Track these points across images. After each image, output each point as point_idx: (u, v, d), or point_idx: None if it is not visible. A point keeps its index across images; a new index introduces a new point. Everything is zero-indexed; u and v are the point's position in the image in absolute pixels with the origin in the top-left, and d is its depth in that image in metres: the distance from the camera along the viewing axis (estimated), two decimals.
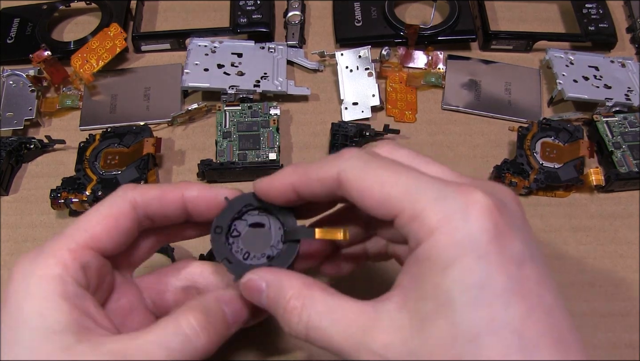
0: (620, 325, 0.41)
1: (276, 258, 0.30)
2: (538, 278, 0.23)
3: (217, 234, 0.30)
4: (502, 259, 0.23)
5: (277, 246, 0.30)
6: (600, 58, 0.54)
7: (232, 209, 0.30)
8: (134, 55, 0.57)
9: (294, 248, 0.29)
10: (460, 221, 0.23)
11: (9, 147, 0.48)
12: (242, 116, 0.50)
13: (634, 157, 0.47)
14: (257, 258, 0.30)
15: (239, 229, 0.31)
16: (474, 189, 0.24)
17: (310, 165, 0.27)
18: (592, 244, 0.45)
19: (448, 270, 0.23)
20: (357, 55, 0.54)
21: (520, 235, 0.24)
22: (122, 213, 0.29)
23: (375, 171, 0.25)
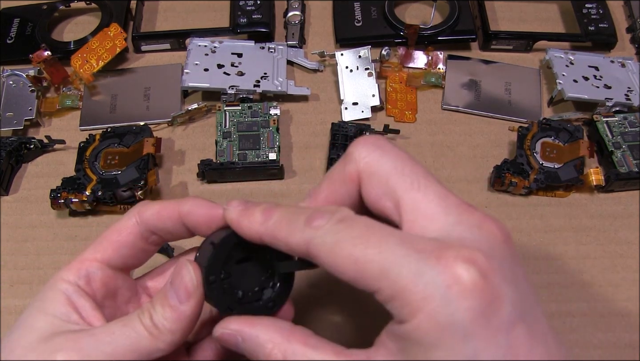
0: (620, 325, 0.41)
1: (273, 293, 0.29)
2: (528, 337, 0.23)
3: (212, 284, 0.28)
4: (489, 332, 0.22)
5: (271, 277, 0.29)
6: (600, 58, 0.54)
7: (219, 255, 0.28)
8: (134, 55, 0.57)
9: (291, 282, 0.29)
10: (441, 304, 0.22)
11: (9, 147, 0.48)
12: (242, 116, 0.50)
13: (634, 157, 0.47)
14: (253, 294, 0.29)
15: (227, 269, 0.29)
16: (454, 262, 0.22)
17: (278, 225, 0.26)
18: (592, 244, 0.45)
19: (434, 351, 0.22)
20: (357, 55, 0.54)
21: (509, 295, 0.23)
22: (126, 227, 0.30)
23: (348, 248, 0.23)
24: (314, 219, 0.25)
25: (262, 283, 0.29)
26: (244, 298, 0.29)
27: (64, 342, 0.26)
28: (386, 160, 0.26)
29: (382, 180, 0.25)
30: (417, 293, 0.22)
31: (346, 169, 0.27)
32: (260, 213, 0.27)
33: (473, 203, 0.47)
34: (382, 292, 0.23)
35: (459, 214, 0.25)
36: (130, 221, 0.30)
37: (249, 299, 0.29)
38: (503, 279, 0.23)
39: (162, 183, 0.48)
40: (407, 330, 0.22)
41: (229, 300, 0.28)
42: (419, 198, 0.25)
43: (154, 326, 0.27)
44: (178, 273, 0.28)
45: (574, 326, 0.41)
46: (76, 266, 0.30)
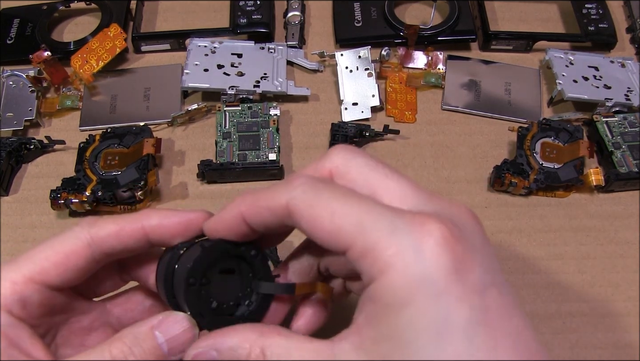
0: (620, 325, 0.41)
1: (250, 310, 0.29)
2: (502, 303, 0.22)
3: (191, 286, 0.27)
4: (462, 291, 0.21)
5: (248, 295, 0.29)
6: (600, 58, 0.54)
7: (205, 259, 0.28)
8: (134, 55, 0.57)
9: (268, 303, 0.29)
10: (413, 258, 0.21)
11: (9, 147, 0.48)
12: (242, 116, 0.50)
13: (633, 158, 0.47)
14: (228, 307, 0.28)
15: (208, 276, 0.28)
16: (427, 219, 0.22)
17: (259, 193, 0.26)
18: (592, 244, 0.45)
19: (404, 310, 0.21)
20: (357, 55, 0.54)
21: (480, 260, 0.23)
22: (73, 251, 0.28)
23: (326, 201, 0.24)
24: (294, 179, 0.25)
25: (239, 298, 0.29)
26: (218, 309, 0.28)
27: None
28: (359, 159, 0.26)
29: (356, 174, 0.26)
30: (390, 248, 0.22)
31: (319, 165, 0.27)
32: (240, 197, 0.27)
33: (473, 203, 0.48)
34: (354, 248, 0.23)
35: (429, 197, 0.25)
36: (79, 243, 0.28)
37: (221, 311, 0.28)
38: (474, 246, 0.23)
39: (162, 183, 0.48)
40: (377, 290, 0.22)
41: (202, 306, 0.28)
42: (393, 185, 0.25)
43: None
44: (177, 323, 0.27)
45: (574, 326, 0.41)
46: (9, 288, 0.26)
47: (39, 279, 0.27)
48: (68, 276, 0.27)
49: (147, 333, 0.27)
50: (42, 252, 0.28)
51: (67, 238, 0.28)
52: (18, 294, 0.26)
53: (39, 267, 0.27)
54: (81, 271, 0.28)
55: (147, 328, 0.27)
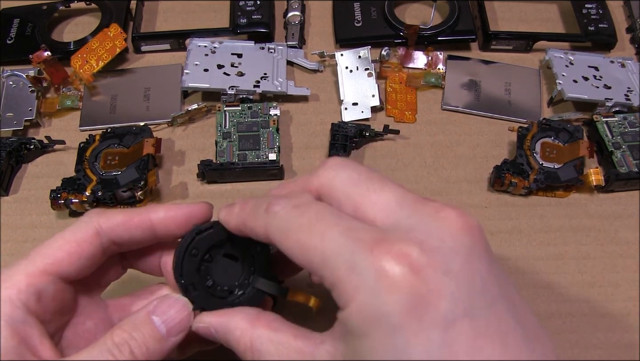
0: (620, 325, 0.41)
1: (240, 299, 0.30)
2: (472, 333, 0.22)
3: (192, 256, 0.29)
4: (420, 327, 0.21)
5: (244, 286, 0.30)
6: (600, 58, 0.54)
7: (214, 235, 0.29)
8: (134, 55, 0.57)
9: (260, 298, 0.30)
10: (369, 295, 0.22)
11: (9, 147, 0.48)
12: (242, 116, 0.50)
13: (633, 158, 0.47)
14: (221, 290, 0.30)
15: (212, 254, 0.30)
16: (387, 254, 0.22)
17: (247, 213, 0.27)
18: (592, 244, 0.45)
19: (363, 340, 0.23)
20: (357, 55, 0.54)
21: (451, 288, 0.22)
22: (85, 239, 0.29)
23: (297, 234, 0.25)
24: (272, 205, 0.26)
25: (234, 286, 0.30)
26: (211, 288, 0.30)
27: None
28: (343, 173, 0.27)
29: (340, 192, 0.26)
30: (350, 283, 0.23)
31: (308, 182, 0.28)
32: (238, 204, 0.28)
33: (473, 203, 0.48)
34: (325, 280, 0.24)
35: (413, 206, 0.25)
36: (90, 231, 0.29)
37: (214, 292, 0.30)
38: (444, 274, 0.22)
39: (162, 183, 0.48)
40: (343, 318, 0.23)
41: (196, 279, 0.29)
42: (375, 199, 0.25)
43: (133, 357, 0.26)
44: (172, 306, 0.28)
45: (574, 326, 0.41)
46: (25, 281, 0.27)
47: (53, 271, 0.28)
48: (80, 265, 0.28)
49: (144, 318, 0.28)
50: (54, 243, 0.28)
51: (77, 227, 0.29)
52: (34, 287, 0.27)
53: (52, 258, 0.28)
54: (91, 259, 0.29)
55: (144, 313, 0.28)
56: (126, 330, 0.27)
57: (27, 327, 0.26)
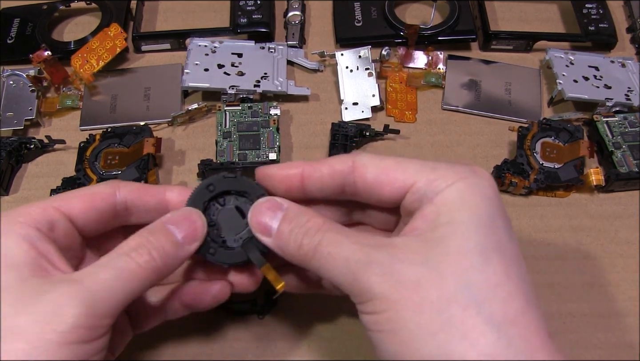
0: (620, 325, 0.41)
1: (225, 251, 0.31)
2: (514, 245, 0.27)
3: (208, 190, 0.31)
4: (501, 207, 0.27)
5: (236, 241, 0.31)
6: (600, 58, 0.54)
7: (236, 182, 0.31)
8: (134, 55, 0.57)
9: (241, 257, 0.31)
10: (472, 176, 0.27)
11: (9, 147, 0.48)
12: (242, 116, 0.50)
13: (634, 157, 0.47)
14: (215, 236, 0.31)
15: (226, 199, 0.31)
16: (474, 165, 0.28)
17: (321, 159, 0.30)
18: (592, 244, 0.45)
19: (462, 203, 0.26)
20: (357, 55, 0.54)
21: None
22: (99, 193, 0.31)
23: (389, 157, 0.29)
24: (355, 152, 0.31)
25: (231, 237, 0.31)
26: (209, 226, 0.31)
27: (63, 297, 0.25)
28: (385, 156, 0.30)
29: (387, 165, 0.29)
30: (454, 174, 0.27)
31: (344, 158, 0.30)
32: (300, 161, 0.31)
33: None
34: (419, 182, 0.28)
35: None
36: (109, 189, 0.31)
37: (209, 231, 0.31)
38: None
39: (162, 183, 0.48)
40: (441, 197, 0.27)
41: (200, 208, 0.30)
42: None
43: (152, 260, 0.27)
44: (187, 217, 0.29)
45: (574, 326, 0.41)
46: (38, 211, 0.28)
47: (65, 210, 0.29)
48: (90, 215, 0.30)
49: (159, 225, 0.29)
50: (71, 192, 0.31)
51: (97, 184, 0.32)
52: (46, 217, 0.28)
53: (66, 200, 0.30)
54: (102, 214, 0.30)
55: (159, 222, 0.29)
56: (142, 235, 0.28)
57: (43, 243, 0.28)
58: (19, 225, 0.27)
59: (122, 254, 0.27)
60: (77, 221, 0.30)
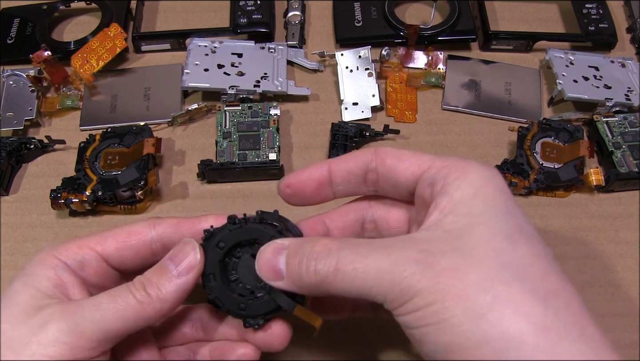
0: (620, 325, 0.41)
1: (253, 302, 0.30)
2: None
3: (218, 248, 0.30)
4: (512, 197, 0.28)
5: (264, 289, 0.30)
6: (600, 58, 0.54)
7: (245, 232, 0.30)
8: (134, 55, 0.57)
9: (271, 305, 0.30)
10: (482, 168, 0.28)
11: (9, 147, 0.48)
12: (242, 116, 0.50)
13: (634, 157, 0.47)
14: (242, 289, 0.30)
15: (241, 251, 0.31)
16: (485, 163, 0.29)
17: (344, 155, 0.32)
18: (592, 244, 0.45)
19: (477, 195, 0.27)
20: (357, 55, 0.54)
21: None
22: (137, 232, 0.32)
23: (407, 149, 0.30)
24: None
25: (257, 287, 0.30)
26: (234, 282, 0.30)
27: (52, 314, 0.27)
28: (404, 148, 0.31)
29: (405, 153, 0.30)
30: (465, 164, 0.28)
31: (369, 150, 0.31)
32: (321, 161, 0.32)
33: None
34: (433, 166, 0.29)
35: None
36: (144, 228, 0.32)
37: (234, 287, 0.30)
38: None
39: (162, 183, 0.48)
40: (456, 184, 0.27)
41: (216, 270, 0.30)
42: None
43: (146, 295, 0.28)
44: (181, 249, 0.30)
45: None
46: (73, 248, 0.30)
47: (99, 250, 0.31)
48: (124, 254, 0.31)
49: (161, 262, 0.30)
50: (109, 230, 0.32)
51: (134, 222, 0.32)
52: (79, 255, 0.30)
53: (102, 240, 0.31)
54: (137, 252, 0.31)
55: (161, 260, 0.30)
56: (145, 274, 0.30)
57: (68, 276, 0.29)
58: (52, 257, 0.30)
59: (125, 287, 0.29)
60: (112, 260, 0.31)
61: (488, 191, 0.27)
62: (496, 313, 0.24)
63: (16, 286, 0.29)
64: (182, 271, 0.29)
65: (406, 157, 0.30)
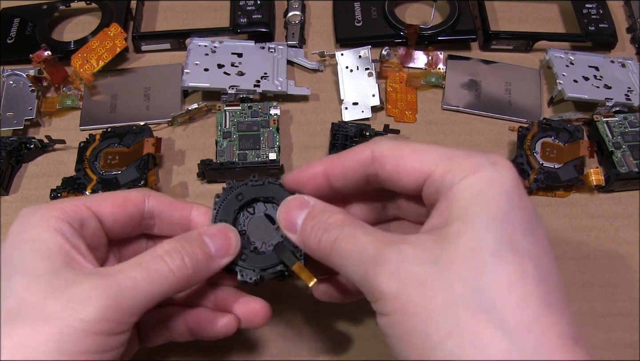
0: (620, 325, 0.41)
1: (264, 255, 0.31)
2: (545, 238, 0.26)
3: (237, 199, 0.32)
4: (521, 200, 0.25)
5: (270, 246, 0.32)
6: (601, 58, 0.54)
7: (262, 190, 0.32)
8: (134, 55, 0.57)
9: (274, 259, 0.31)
10: (489, 168, 0.26)
11: (9, 147, 0.48)
12: (242, 116, 0.50)
13: (634, 157, 0.47)
14: (247, 242, 0.32)
15: (255, 207, 0.32)
16: (494, 153, 0.27)
17: (342, 152, 0.30)
18: (592, 244, 0.45)
19: (476, 198, 0.25)
20: (357, 55, 0.54)
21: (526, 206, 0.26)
22: (132, 198, 0.32)
23: (407, 145, 0.28)
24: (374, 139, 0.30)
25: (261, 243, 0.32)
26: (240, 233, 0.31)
27: (89, 289, 0.26)
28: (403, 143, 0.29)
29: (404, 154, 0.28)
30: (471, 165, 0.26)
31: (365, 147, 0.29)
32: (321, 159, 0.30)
33: None
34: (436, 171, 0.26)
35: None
36: (140, 195, 0.32)
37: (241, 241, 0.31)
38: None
39: (162, 182, 0.48)
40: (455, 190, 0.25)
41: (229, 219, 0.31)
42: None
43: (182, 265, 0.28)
44: (223, 233, 0.30)
45: None
46: (72, 208, 0.29)
47: (96, 211, 0.30)
48: (119, 218, 0.31)
49: (196, 236, 0.30)
50: (103, 194, 0.32)
51: (128, 190, 0.32)
52: (79, 214, 0.29)
53: (98, 200, 0.31)
54: (130, 219, 0.31)
55: (195, 233, 0.30)
56: (178, 241, 0.29)
57: (75, 238, 0.29)
58: (53, 219, 0.28)
59: (156, 256, 0.28)
60: (106, 223, 0.31)
61: (488, 195, 0.25)
62: (453, 343, 0.22)
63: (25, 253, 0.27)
64: (220, 253, 0.30)
65: (407, 160, 0.28)
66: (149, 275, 0.27)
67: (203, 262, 0.29)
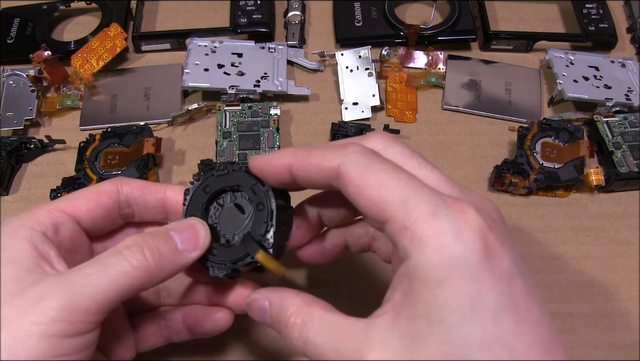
0: (620, 325, 0.41)
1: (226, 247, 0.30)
2: (526, 291, 0.23)
3: (204, 192, 0.30)
4: (492, 277, 0.23)
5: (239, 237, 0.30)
6: (601, 58, 0.54)
7: (228, 180, 0.31)
8: (134, 55, 0.57)
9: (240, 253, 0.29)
10: (451, 240, 0.23)
11: (9, 147, 0.48)
12: (242, 116, 0.50)
13: (634, 157, 0.47)
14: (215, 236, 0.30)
15: (224, 198, 0.31)
16: (467, 207, 0.24)
17: (312, 150, 0.27)
18: (592, 244, 0.45)
19: (439, 289, 0.22)
20: (357, 55, 0.54)
21: (509, 251, 0.24)
22: (105, 190, 0.31)
23: (376, 172, 0.25)
24: (348, 145, 0.26)
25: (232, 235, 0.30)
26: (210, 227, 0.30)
27: (43, 291, 0.26)
28: (396, 147, 0.27)
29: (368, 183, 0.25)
30: (430, 228, 0.23)
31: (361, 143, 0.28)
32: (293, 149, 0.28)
33: None
34: (395, 221, 0.24)
35: (461, 189, 0.26)
36: (112, 186, 0.31)
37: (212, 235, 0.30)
38: (503, 238, 0.24)
39: (162, 183, 0.48)
40: (414, 265, 0.23)
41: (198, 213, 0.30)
42: (427, 174, 0.26)
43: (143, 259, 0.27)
44: (191, 226, 0.29)
45: (574, 326, 0.41)
46: (45, 214, 0.29)
47: (71, 212, 0.30)
48: (95, 214, 0.31)
49: (161, 231, 0.29)
50: (77, 192, 0.31)
51: (101, 183, 0.32)
52: (52, 220, 0.29)
53: (72, 201, 0.30)
54: (108, 212, 0.31)
55: (162, 228, 0.29)
56: (141, 235, 0.28)
57: (45, 246, 0.28)
58: (24, 228, 0.28)
59: (115, 252, 0.27)
60: (84, 221, 0.31)
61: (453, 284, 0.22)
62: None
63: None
64: (188, 248, 0.29)
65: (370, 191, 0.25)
66: (106, 271, 0.26)
67: (168, 256, 0.28)
